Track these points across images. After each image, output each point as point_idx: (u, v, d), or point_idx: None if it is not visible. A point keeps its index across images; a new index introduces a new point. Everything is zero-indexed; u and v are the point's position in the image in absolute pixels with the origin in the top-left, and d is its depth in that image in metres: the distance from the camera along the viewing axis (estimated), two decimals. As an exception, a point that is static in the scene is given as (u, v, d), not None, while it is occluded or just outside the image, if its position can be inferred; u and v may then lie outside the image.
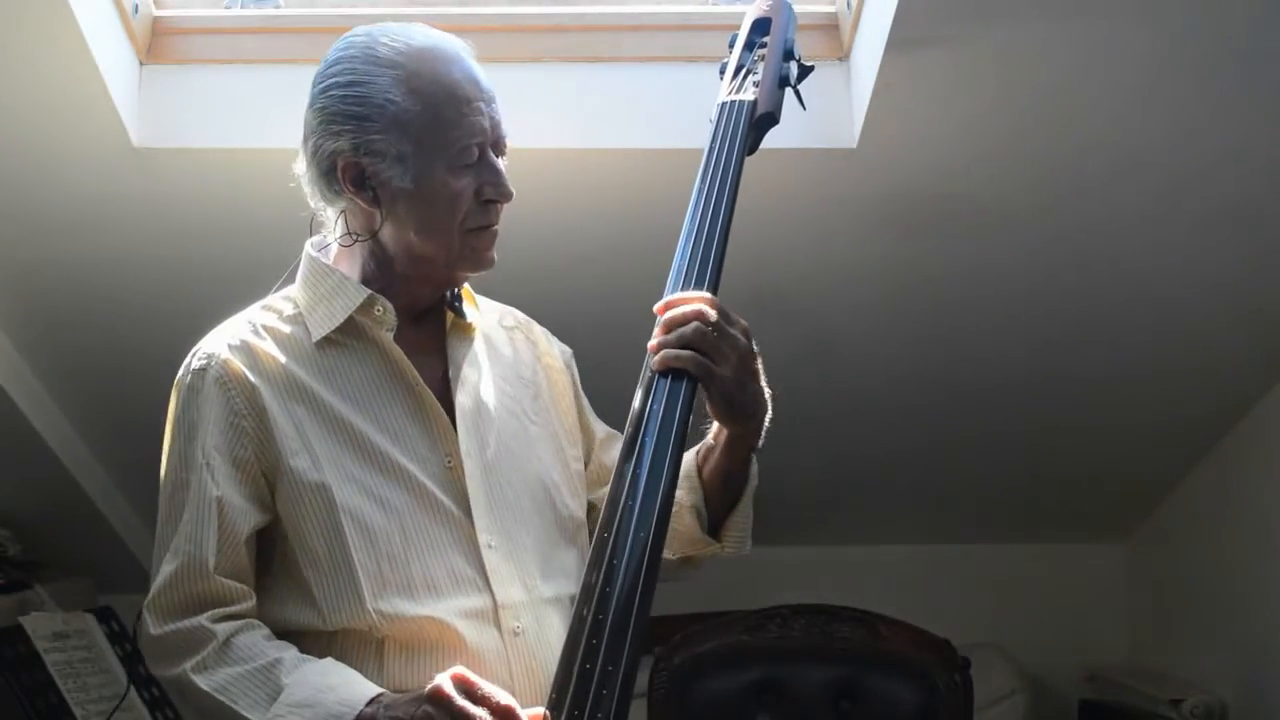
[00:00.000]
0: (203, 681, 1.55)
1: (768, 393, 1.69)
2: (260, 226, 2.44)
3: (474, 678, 1.50)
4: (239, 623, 1.59)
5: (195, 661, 1.56)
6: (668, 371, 1.62)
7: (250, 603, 1.62)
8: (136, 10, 2.36)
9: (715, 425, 1.73)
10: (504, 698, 1.49)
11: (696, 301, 1.64)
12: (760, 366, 1.68)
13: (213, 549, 1.58)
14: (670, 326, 1.64)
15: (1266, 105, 2.28)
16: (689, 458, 1.77)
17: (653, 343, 1.64)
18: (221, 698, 1.53)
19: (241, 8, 2.50)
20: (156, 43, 2.43)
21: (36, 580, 2.83)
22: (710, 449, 1.75)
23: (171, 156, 2.39)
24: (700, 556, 1.80)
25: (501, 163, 1.68)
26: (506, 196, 1.68)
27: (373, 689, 1.53)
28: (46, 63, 2.21)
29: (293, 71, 2.39)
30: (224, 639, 1.57)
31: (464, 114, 1.64)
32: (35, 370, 2.74)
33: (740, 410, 1.67)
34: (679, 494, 1.73)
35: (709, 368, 1.61)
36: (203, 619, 1.57)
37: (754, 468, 1.76)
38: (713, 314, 1.63)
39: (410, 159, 1.63)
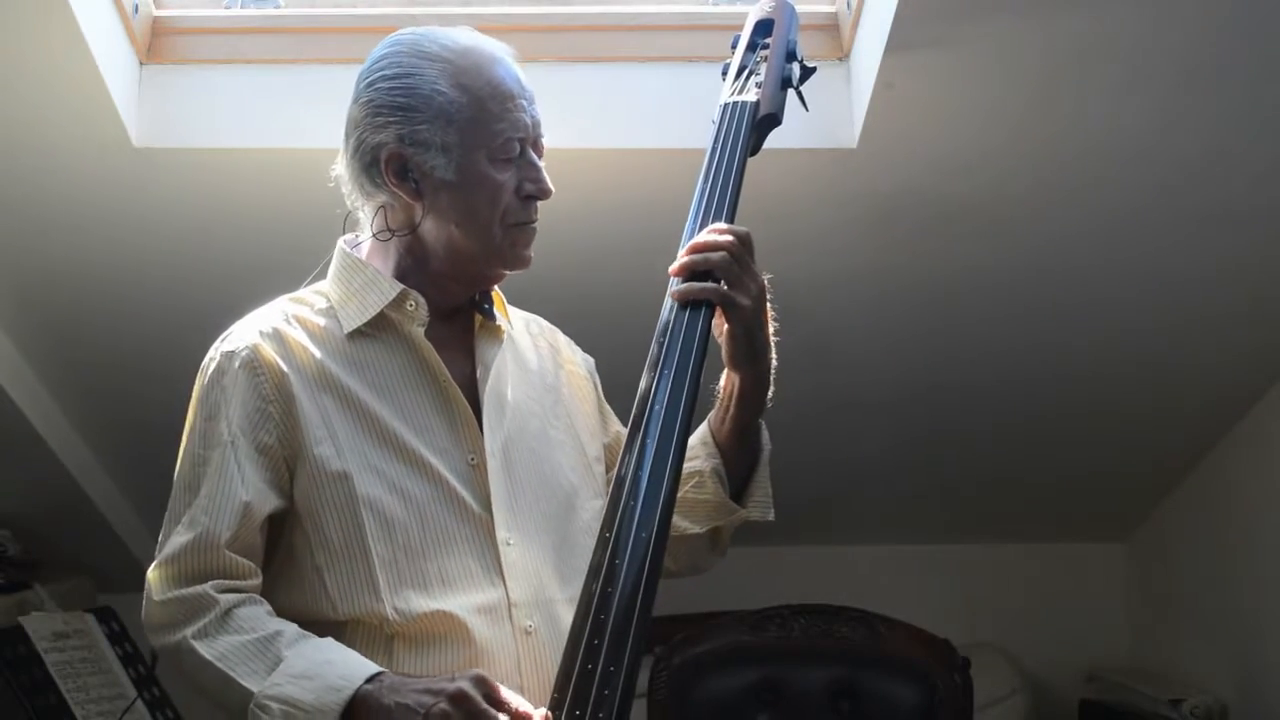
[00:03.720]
0: (203, 648, 1.54)
1: (773, 346, 1.73)
2: (260, 226, 2.45)
3: (495, 683, 1.49)
4: (243, 595, 1.59)
5: (196, 628, 1.55)
6: (668, 374, 1.63)
7: (257, 580, 1.61)
8: (136, 10, 2.36)
9: (725, 379, 1.74)
10: (522, 704, 1.49)
11: (726, 233, 1.68)
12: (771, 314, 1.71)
13: (227, 524, 1.58)
14: (695, 252, 1.68)
15: (1263, 102, 2.28)
16: (701, 429, 1.78)
17: (674, 267, 1.69)
18: (221, 665, 1.53)
19: (241, 8, 2.50)
20: (156, 43, 2.43)
21: (36, 580, 2.83)
22: (725, 408, 1.76)
23: (171, 156, 2.39)
24: (728, 528, 1.81)
25: (540, 163, 1.71)
26: (546, 193, 1.71)
27: (373, 666, 1.52)
28: (47, 63, 2.21)
29: (293, 71, 2.40)
30: (226, 608, 1.56)
31: (507, 109, 1.67)
32: (35, 370, 2.74)
33: (758, 350, 1.70)
34: (699, 463, 1.75)
35: (731, 296, 1.66)
36: (207, 587, 1.57)
37: (765, 434, 1.78)
38: (739, 248, 1.67)
39: (454, 150, 1.65)
